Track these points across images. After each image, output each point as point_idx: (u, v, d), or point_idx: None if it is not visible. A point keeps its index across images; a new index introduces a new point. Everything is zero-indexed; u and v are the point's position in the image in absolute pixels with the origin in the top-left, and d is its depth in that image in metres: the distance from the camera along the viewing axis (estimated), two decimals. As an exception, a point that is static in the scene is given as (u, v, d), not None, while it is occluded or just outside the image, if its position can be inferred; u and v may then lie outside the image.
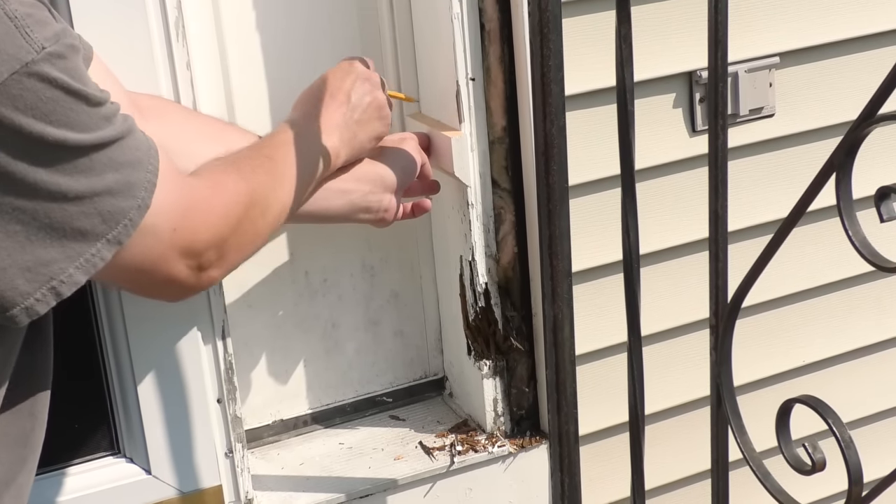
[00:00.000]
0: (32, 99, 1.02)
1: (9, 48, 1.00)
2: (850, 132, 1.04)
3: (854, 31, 2.01)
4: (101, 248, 1.09)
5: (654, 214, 1.92)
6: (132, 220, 1.11)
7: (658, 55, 1.87)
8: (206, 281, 1.24)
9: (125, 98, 1.37)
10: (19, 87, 1.01)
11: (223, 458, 1.76)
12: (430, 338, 2.08)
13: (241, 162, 1.35)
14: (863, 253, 1.07)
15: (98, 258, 1.09)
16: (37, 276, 1.06)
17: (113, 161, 1.09)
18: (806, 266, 2.09)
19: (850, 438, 1.15)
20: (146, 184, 1.12)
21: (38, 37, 1.02)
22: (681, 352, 2.03)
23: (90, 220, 1.07)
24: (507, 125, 1.84)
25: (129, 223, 1.11)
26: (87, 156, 1.06)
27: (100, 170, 1.08)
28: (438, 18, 1.80)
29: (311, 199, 1.56)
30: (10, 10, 1.00)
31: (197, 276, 1.22)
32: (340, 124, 1.57)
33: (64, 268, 1.07)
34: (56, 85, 1.03)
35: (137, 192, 1.11)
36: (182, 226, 1.17)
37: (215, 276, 1.25)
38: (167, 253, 1.17)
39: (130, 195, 1.10)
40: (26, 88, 1.01)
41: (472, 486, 1.93)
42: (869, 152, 1.22)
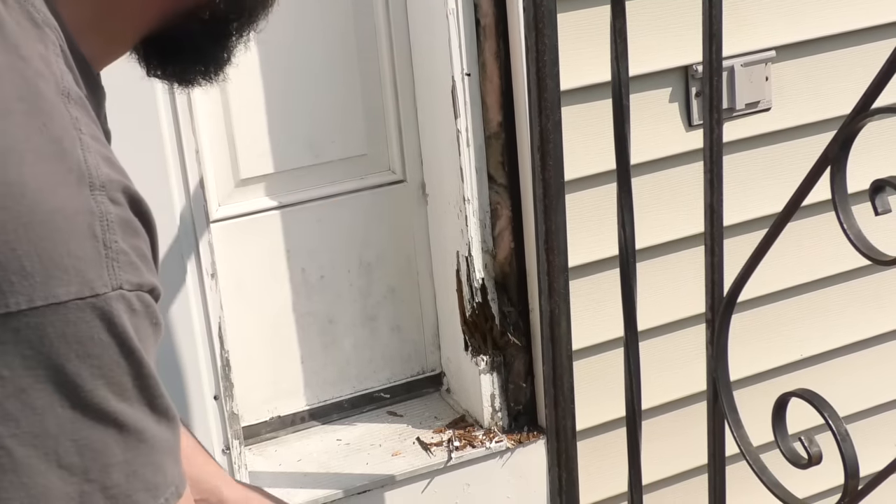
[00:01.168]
0: (83, 333, 0.85)
1: (87, 272, 0.86)
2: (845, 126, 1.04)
3: (850, 25, 2.01)
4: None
5: (650, 209, 1.92)
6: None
7: (654, 50, 1.87)
8: None
9: None
10: (76, 315, 0.85)
11: (220, 455, 1.76)
12: (428, 333, 2.08)
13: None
14: (858, 246, 1.07)
15: None
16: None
17: (129, 464, 0.89)
18: (803, 260, 2.09)
19: (847, 432, 1.15)
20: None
21: (122, 277, 0.88)
22: (677, 346, 2.03)
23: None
24: (502, 120, 1.84)
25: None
26: (107, 429, 0.88)
27: (109, 460, 0.89)
28: (434, 14, 1.79)
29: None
30: (108, 238, 0.87)
31: None
32: None
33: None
34: (113, 331, 0.87)
35: None
36: None
37: None
38: None
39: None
40: (82, 320, 0.85)
41: (469, 481, 1.93)
42: (864, 145, 1.22)
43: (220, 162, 1.87)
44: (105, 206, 0.85)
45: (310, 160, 1.93)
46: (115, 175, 0.87)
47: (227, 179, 1.89)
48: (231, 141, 1.87)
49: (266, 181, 1.92)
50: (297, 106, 1.90)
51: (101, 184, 0.84)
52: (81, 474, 0.87)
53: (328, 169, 1.95)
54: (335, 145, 1.94)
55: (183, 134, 1.61)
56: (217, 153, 1.86)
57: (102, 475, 0.87)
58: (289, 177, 1.93)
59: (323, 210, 1.95)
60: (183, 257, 1.68)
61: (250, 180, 1.90)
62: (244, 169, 1.89)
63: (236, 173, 1.89)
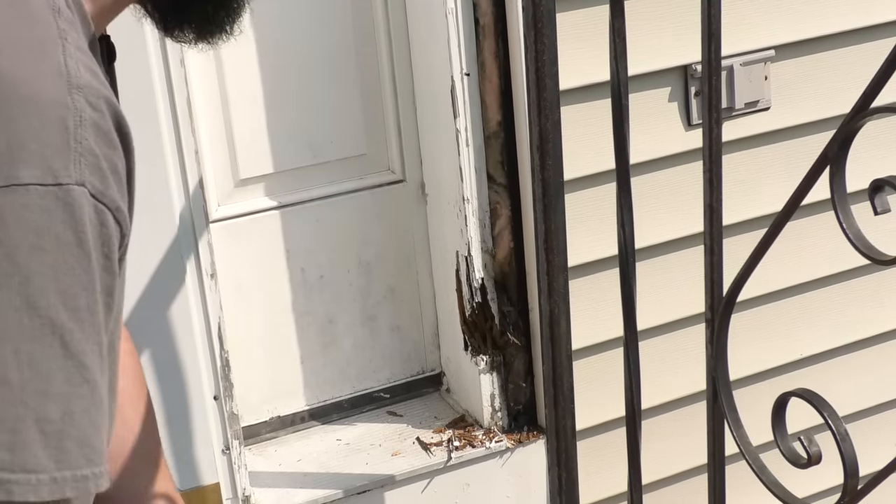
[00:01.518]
0: (42, 223, 0.80)
1: (53, 160, 0.81)
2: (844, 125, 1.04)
3: (849, 24, 2.00)
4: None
5: (649, 209, 1.91)
6: (35, 487, 0.81)
7: (653, 49, 1.87)
8: None
9: None
10: (37, 201, 0.80)
11: (220, 456, 1.76)
12: (427, 333, 2.08)
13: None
14: (857, 246, 1.07)
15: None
16: None
17: (67, 402, 0.82)
18: (802, 259, 2.09)
19: (846, 431, 1.15)
20: (79, 475, 0.83)
21: (88, 177, 0.82)
22: (677, 346, 2.03)
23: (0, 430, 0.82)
24: (502, 120, 1.84)
25: (31, 483, 0.81)
26: (48, 343, 0.81)
27: (48, 388, 0.81)
28: (433, 14, 1.79)
29: None
30: (79, 134, 0.82)
31: None
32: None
33: None
34: (76, 230, 0.81)
35: (63, 465, 0.82)
36: None
37: None
38: None
39: (54, 458, 0.82)
40: (43, 208, 0.80)
41: (469, 481, 1.93)
42: (863, 145, 1.21)
43: (219, 162, 1.87)
44: (81, 105, 0.82)
45: (309, 160, 1.93)
46: (97, 85, 0.85)
47: (226, 179, 1.89)
48: (230, 141, 1.87)
49: (265, 181, 1.91)
50: (296, 106, 1.90)
51: (79, 85, 0.83)
52: (19, 390, 0.80)
53: (327, 169, 1.95)
54: (334, 145, 1.94)
55: (182, 134, 1.61)
56: (216, 153, 1.86)
57: (38, 401, 0.81)
58: (288, 177, 1.93)
59: (322, 210, 1.95)
60: (182, 257, 1.68)
61: (250, 180, 1.90)
62: (243, 169, 1.89)
63: (235, 173, 1.89)
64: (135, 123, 1.58)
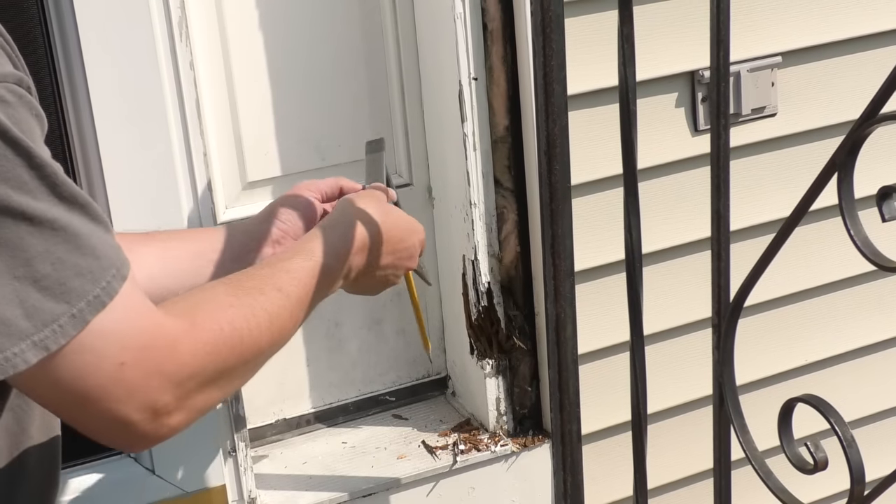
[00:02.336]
0: None
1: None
2: (853, 132, 1.04)
3: (856, 31, 2.01)
4: (24, 350, 0.93)
5: (656, 213, 1.92)
6: (63, 328, 0.93)
7: (660, 55, 1.87)
8: (165, 430, 1.03)
9: None
10: None
11: (227, 458, 1.76)
12: (433, 337, 2.09)
13: (241, 295, 1.15)
14: (865, 252, 1.07)
15: (20, 359, 0.93)
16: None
17: (50, 253, 0.92)
18: (809, 265, 2.09)
19: (853, 437, 1.16)
20: (91, 297, 0.94)
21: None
22: (683, 351, 2.03)
23: (10, 309, 0.92)
24: (509, 124, 1.84)
25: (58, 330, 0.93)
26: (16, 224, 0.91)
27: (29, 252, 0.91)
28: (441, 18, 1.80)
29: None
30: None
31: (152, 422, 1.02)
32: (366, 274, 1.39)
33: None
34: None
35: (75, 299, 0.94)
36: (134, 363, 0.99)
37: (177, 423, 1.05)
38: (110, 388, 0.98)
39: (63, 299, 0.93)
40: None
41: (474, 484, 1.93)
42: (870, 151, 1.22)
43: (227, 165, 1.88)
44: None
45: (317, 163, 1.93)
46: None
47: (234, 182, 1.89)
48: (238, 144, 1.87)
49: (273, 184, 1.92)
50: (303, 109, 1.90)
51: None
52: (7, 272, 0.91)
53: (335, 172, 1.95)
54: (342, 149, 1.94)
55: (191, 137, 1.61)
56: (224, 156, 1.87)
57: (27, 269, 0.92)
58: (296, 180, 1.92)
59: (329, 213, 1.95)
60: (190, 260, 1.68)
61: (257, 183, 1.91)
62: (251, 172, 1.90)
63: (243, 176, 1.90)
64: (144, 126, 1.59)
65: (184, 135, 1.61)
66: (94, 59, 1.52)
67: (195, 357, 1.05)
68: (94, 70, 1.51)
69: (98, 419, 1.00)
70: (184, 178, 1.62)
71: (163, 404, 1.02)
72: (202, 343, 1.05)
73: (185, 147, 1.61)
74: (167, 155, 1.60)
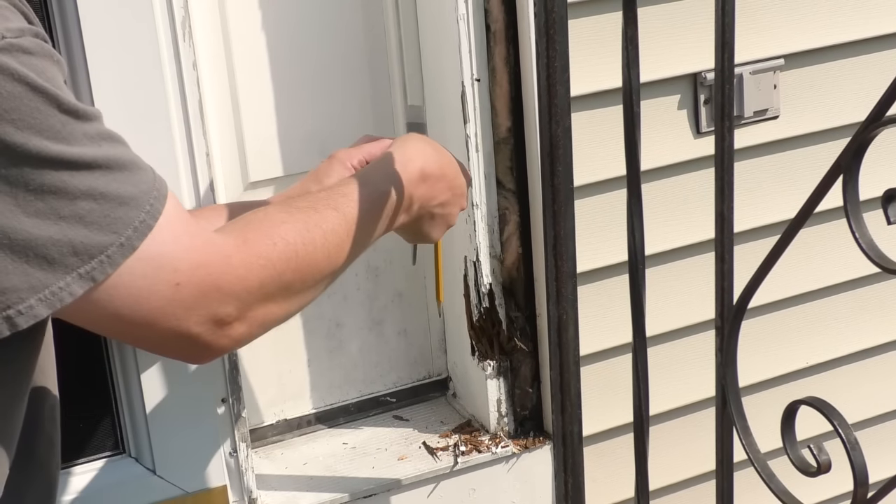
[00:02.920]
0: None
1: None
2: (858, 134, 1.04)
3: (858, 34, 2.01)
4: (70, 283, 0.95)
5: (658, 215, 1.92)
6: (111, 257, 0.96)
7: (662, 57, 1.87)
8: (227, 340, 1.07)
9: None
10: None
11: (228, 458, 1.76)
12: (434, 338, 2.09)
13: (295, 213, 1.18)
14: (870, 255, 1.07)
15: (66, 293, 0.95)
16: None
17: (93, 190, 0.95)
18: (811, 268, 2.09)
19: (856, 440, 1.15)
20: (137, 223, 0.97)
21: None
22: (686, 353, 2.03)
23: (58, 248, 0.94)
24: (512, 126, 1.84)
25: (106, 260, 0.96)
26: (57, 171, 0.93)
27: (72, 194, 0.94)
28: (444, 19, 1.80)
29: None
30: None
31: (215, 333, 1.06)
32: (426, 205, 1.41)
33: (24, 297, 0.93)
34: (16, 78, 0.90)
35: (122, 228, 0.96)
36: (189, 282, 1.02)
37: (240, 335, 1.08)
38: (168, 308, 1.02)
39: (111, 230, 0.96)
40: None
41: (475, 486, 1.93)
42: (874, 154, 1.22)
43: (229, 165, 1.88)
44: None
45: (319, 164, 1.93)
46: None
47: (236, 182, 1.89)
48: (241, 144, 1.87)
49: (275, 184, 1.92)
50: (306, 110, 1.90)
51: None
52: (53, 215, 0.93)
53: (337, 173, 1.95)
54: (344, 149, 1.94)
55: (194, 137, 1.61)
56: (227, 156, 1.87)
57: (73, 208, 0.94)
58: (297, 180, 1.93)
59: (331, 214, 1.94)
60: (192, 260, 1.68)
61: (260, 183, 1.91)
62: (253, 172, 1.90)
63: (245, 177, 1.90)
64: (147, 126, 1.59)
65: (186, 135, 1.61)
66: (98, 59, 1.52)
67: (250, 270, 1.07)
68: (98, 70, 1.51)
69: (162, 338, 1.04)
70: (186, 178, 1.62)
71: (224, 314, 1.05)
72: (255, 256, 1.08)
73: (187, 147, 1.61)
74: (170, 155, 1.60)
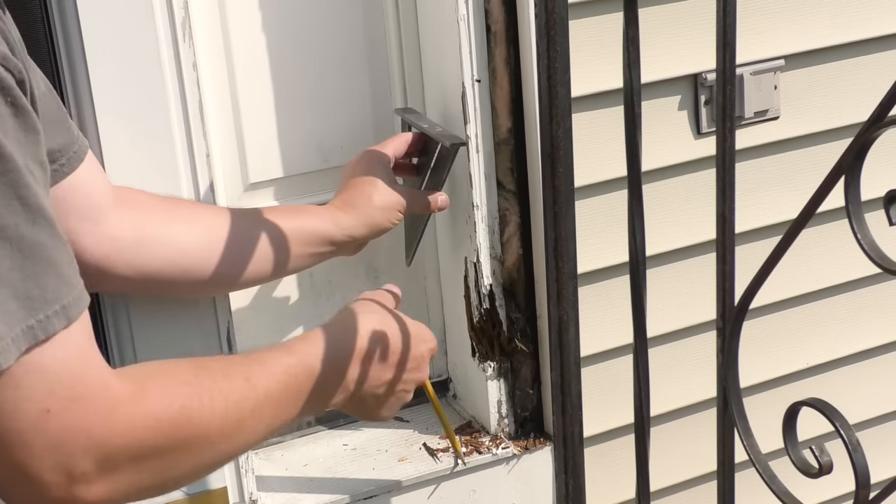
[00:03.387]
0: None
1: None
2: (860, 135, 1.04)
3: (859, 34, 2.01)
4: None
5: (659, 216, 1.92)
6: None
7: (662, 57, 1.87)
8: (76, 502, 0.91)
9: (110, 193, 1.41)
10: None
11: (228, 459, 1.76)
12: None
13: (203, 376, 1.06)
14: (871, 256, 1.07)
15: None
16: None
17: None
18: (810, 268, 2.09)
19: (858, 441, 1.15)
20: (25, 327, 0.86)
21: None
22: (687, 353, 2.03)
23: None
24: (512, 127, 1.84)
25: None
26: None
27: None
28: (444, 20, 1.80)
29: (243, 270, 1.49)
30: None
31: (68, 488, 0.90)
32: (369, 388, 1.31)
33: None
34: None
35: (12, 323, 0.85)
36: (60, 413, 0.88)
37: (93, 499, 0.92)
38: (28, 435, 0.87)
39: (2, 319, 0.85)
40: None
41: (476, 487, 1.93)
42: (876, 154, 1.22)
43: (229, 166, 1.87)
44: None
45: (319, 165, 1.93)
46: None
47: (236, 183, 1.89)
48: (241, 145, 1.87)
49: (275, 185, 1.92)
50: (306, 111, 1.90)
51: None
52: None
53: (337, 174, 1.94)
54: (344, 151, 1.94)
55: (194, 138, 1.61)
56: (227, 158, 1.87)
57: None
58: (298, 181, 1.93)
59: (331, 215, 1.94)
60: (192, 261, 1.68)
61: (259, 184, 1.91)
62: (253, 173, 1.89)
63: (245, 178, 1.89)
64: (147, 126, 1.59)
65: (186, 136, 1.61)
66: (98, 60, 1.52)
67: (132, 427, 0.93)
68: (97, 70, 1.51)
69: (6, 470, 0.89)
70: (186, 179, 1.62)
71: (80, 471, 0.90)
72: (144, 413, 0.95)
73: (187, 148, 1.61)
74: (170, 156, 1.60)
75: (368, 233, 1.67)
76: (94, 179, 1.41)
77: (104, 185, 1.45)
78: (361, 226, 1.65)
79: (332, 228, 1.63)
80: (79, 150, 1.38)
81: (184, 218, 1.52)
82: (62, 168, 1.34)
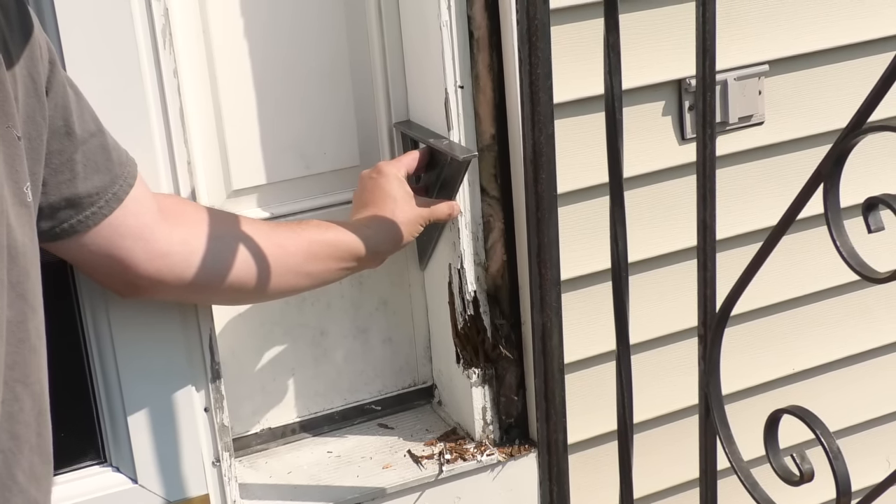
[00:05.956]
0: None
1: None
2: (839, 142, 1.04)
3: (843, 40, 2.01)
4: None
5: (642, 222, 1.91)
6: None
7: (647, 63, 1.87)
8: None
9: (156, 208, 1.51)
10: None
11: (210, 467, 1.75)
12: (419, 346, 2.08)
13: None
14: (850, 263, 1.07)
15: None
16: None
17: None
18: (794, 274, 2.09)
19: (839, 449, 1.15)
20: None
21: None
22: (670, 360, 2.03)
23: None
24: (495, 133, 1.84)
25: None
26: None
27: None
28: (427, 26, 1.79)
29: (280, 281, 1.64)
30: None
31: None
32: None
33: None
34: None
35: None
36: None
37: None
38: None
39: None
40: None
41: (460, 494, 1.93)
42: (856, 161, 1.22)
43: (211, 173, 1.87)
44: None
45: (302, 171, 1.93)
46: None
47: (218, 190, 1.88)
48: (223, 152, 1.87)
49: (258, 192, 1.91)
50: (288, 118, 1.90)
51: None
52: None
53: (320, 180, 1.94)
54: (328, 157, 1.93)
55: (175, 145, 1.60)
56: (209, 164, 1.86)
57: None
58: (281, 188, 1.92)
59: (315, 221, 1.94)
60: (174, 268, 1.67)
61: (242, 191, 1.90)
62: (236, 180, 1.89)
63: (228, 184, 1.89)
64: (127, 133, 1.58)
65: (167, 143, 1.60)
66: (76, 66, 1.51)
67: None
68: (76, 77, 1.50)
69: None
70: (167, 186, 1.61)
71: None
72: None
73: (168, 155, 1.60)
74: (151, 163, 1.59)
75: (393, 248, 1.77)
76: (142, 200, 1.50)
77: (151, 203, 1.52)
78: (387, 241, 1.74)
79: (360, 245, 1.71)
80: (123, 183, 1.47)
81: (228, 233, 1.60)
82: (108, 204, 1.45)
